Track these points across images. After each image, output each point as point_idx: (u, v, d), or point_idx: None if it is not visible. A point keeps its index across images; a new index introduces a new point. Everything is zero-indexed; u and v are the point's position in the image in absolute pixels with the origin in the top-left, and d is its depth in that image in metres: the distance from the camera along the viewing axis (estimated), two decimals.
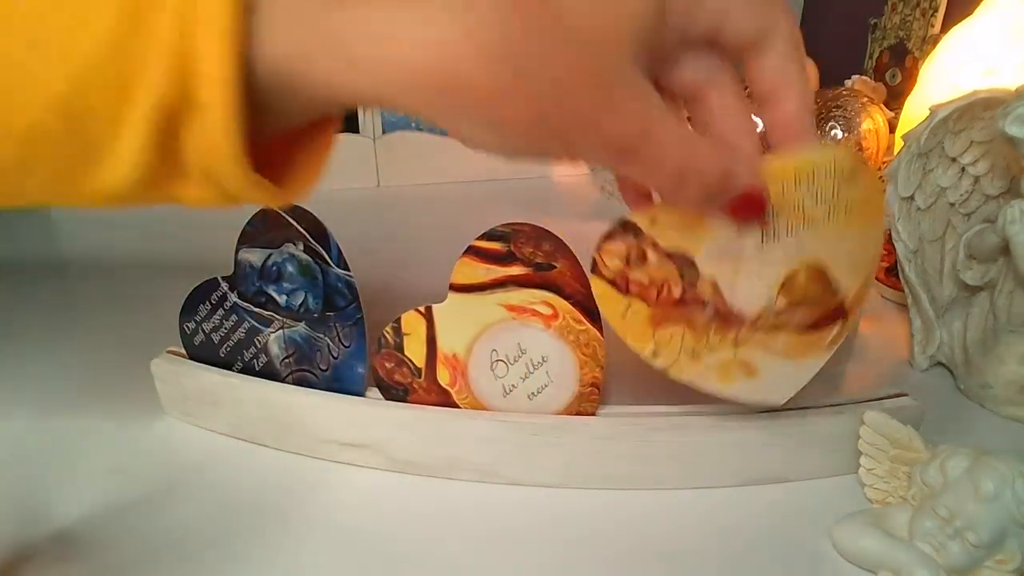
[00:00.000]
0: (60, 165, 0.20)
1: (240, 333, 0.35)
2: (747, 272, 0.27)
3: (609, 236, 0.28)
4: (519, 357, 0.32)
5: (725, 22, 0.22)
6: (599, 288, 0.29)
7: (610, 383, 0.34)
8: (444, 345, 0.32)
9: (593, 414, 0.33)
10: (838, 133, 0.54)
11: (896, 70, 0.81)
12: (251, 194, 0.21)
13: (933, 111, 0.37)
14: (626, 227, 0.27)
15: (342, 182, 0.73)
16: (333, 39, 0.19)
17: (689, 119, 0.26)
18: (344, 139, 0.73)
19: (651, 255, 0.28)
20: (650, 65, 0.22)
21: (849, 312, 0.28)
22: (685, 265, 0.28)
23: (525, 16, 0.19)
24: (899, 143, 0.40)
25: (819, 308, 0.28)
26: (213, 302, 0.35)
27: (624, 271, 0.28)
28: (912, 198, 0.40)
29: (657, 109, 0.21)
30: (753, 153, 0.25)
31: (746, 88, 0.25)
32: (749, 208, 0.25)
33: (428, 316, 0.32)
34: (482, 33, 0.19)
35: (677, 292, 0.28)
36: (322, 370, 0.34)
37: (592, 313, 0.31)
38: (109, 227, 0.64)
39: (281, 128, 0.22)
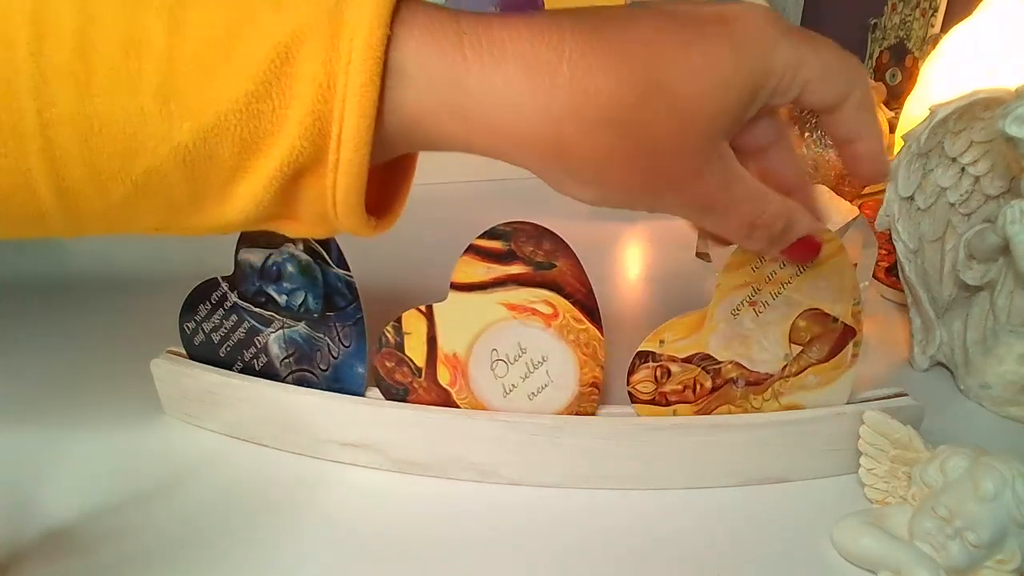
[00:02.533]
0: (171, 205, 0.21)
1: (240, 333, 0.35)
2: (757, 341, 0.32)
3: (632, 371, 0.32)
4: (519, 356, 0.32)
5: (805, 94, 0.23)
6: (644, 410, 0.32)
7: (610, 383, 0.34)
8: (444, 344, 0.32)
9: (593, 414, 0.33)
10: None
11: (896, 70, 0.81)
12: (357, 231, 0.23)
13: (933, 111, 0.37)
14: (643, 357, 0.32)
15: None
16: (460, 102, 0.21)
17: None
18: None
19: (673, 368, 0.32)
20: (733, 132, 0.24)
21: (856, 329, 0.32)
22: (705, 361, 0.32)
23: (636, 87, 0.21)
24: (899, 143, 0.40)
25: (828, 339, 0.32)
26: (213, 302, 0.35)
27: (657, 390, 0.32)
28: (912, 198, 0.40)
29: (735, 173, 0.24)
30: (811, 204, 0.27)
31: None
32: (805, 252, 0.28)
33: (429, 315, 0.32)
34: (597, 102, 0.21)
35: (709, 384, 0.32)
36: (322, 370, 0.34)
37: (592, 312, 0.31)
38: None
39: (378, 160, 0.23)
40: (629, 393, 0.32)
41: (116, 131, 0.19)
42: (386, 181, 0.26)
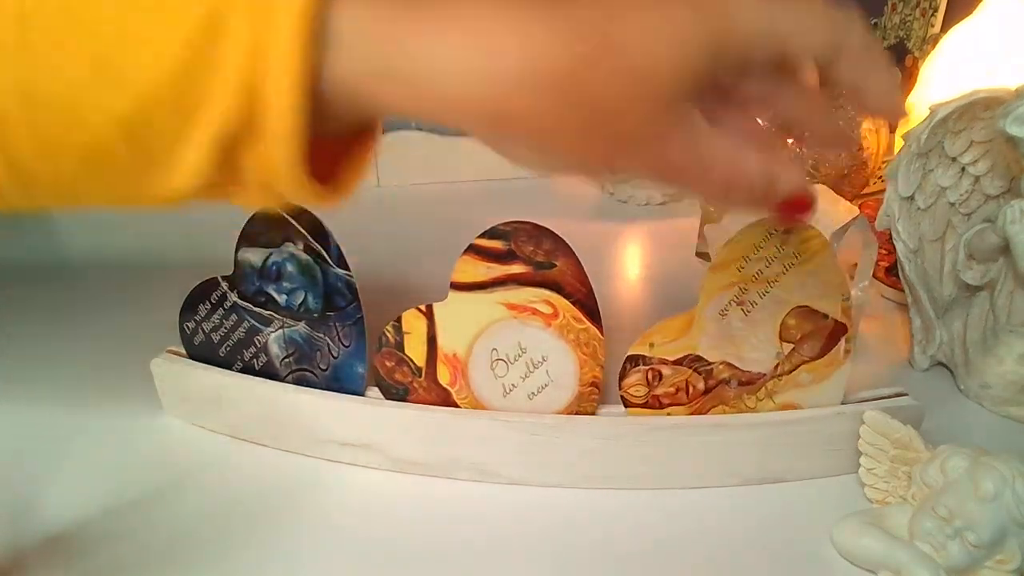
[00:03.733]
0: (119, 176, 0.21)
1: (240, 333, 0.35)
2: (746, 340, 0.32)
3: (624, 375, 0.32)
4: (519, 356, 0.32)
5: (789, 47, 0.23)
6: (639, 414, 0.32)
7: (610, 383, 0.34)
8: (444, 344, 0.32)
9: (593, 414, 0.33)
10: None
11: (896, 70, 0.81)
12: (305, 199, 0.22)
13: (933, 111, 0.37)
14: (633, 361, 0.32)
15: None
16: (400, 67, 0.20)
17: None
18: None
19: (665, 370, 0.32)
20: (703, 90, 0.22)
21: (847, 325, 0.32)
22: (696, 363, 0.32)
23: (582, 48, 0.20)
24: (899, 143, 0.40)
25: (819, 336, 0.32)
26: (213, 302, 0.35)
27: (650, 393, 0.32)
28: (912, 198, 0.40)
29: (700, 134, 0.23)
30: (794, 160, 0.26)
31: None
32: (797, 208, 0.26)
33: (429, 315, 0.32)
34: (543, 67, 0.20)
35: (701, 385, 0.32)
36: (322, 370, 0.34)
37: (592, 312, 0.31)
38: (109, 227, 0.64)
39: (332, 131, 0.23)
40: (622, 398, 0.32)
41: (58, 103, 0.19)
42: (351, 152, 0.25)
